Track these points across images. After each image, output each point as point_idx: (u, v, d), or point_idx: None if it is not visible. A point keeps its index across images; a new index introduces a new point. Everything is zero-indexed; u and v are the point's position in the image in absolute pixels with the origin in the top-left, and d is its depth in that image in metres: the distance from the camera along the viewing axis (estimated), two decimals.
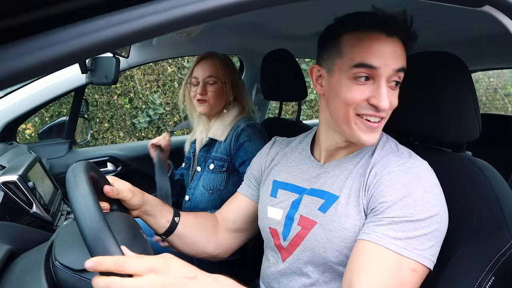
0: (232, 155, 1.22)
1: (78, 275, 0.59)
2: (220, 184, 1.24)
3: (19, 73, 0.35)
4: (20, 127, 1.68)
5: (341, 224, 0.69)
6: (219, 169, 1.24)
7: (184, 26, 0.42)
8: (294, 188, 0.81)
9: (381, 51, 0.65)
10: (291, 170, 0.84)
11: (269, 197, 0.84)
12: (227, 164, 1.23)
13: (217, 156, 1.25)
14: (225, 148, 1.23)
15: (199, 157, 1.31)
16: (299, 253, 0.75)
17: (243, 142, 1.20)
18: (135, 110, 3.83)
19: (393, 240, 0.61)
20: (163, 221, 0.85)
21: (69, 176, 0.63)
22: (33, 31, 0.36)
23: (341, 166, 0.75)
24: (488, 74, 5.17)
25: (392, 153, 0.72)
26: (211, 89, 1.23)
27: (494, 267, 0.64)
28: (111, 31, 0.38)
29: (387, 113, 0.69)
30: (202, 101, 1.24)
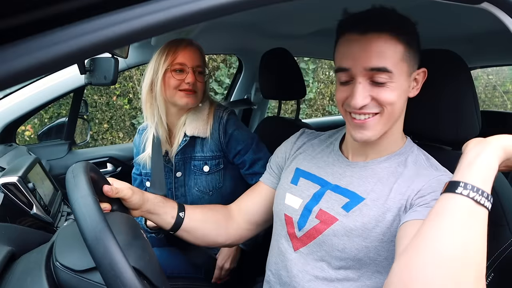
0: (224, 149, 1.15)
1: (79, 276, 0.58)
2: (219, 182, 1.18)
3: (18, 74, 0.35)
4: (19, 128, 1.68)
5: (364, 224, 0.69)
6: (215, 169, 1.16)
7: (182, 25, 0.42)
8: (317, 180, 0.80)
9: (352, 51, 0.66)
10: (316, 161, 0.83)
11: (289, 183, 0.84)
12: (222, 160, 1.17)
13: (208, 155, 1.16)
14: (215, 144, 1.14)
15: (176, 162, 1.17)
16: (315, 246, 0.75)
17: (232, 132, 1.13)
18: (134, 111, 3.83)
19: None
20: (168, 217, 0.84)
21: (68, 177, 0.63)
22: (32, 31, 0.36)
23: (368, 168, 0.75)
24: (487, 72, 5.17)
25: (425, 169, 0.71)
26: (200, 79, 1.11)
27: (493, 263, 0.64)
28: (110, 31, 0.38)
29: (377, 109, 0.68)
30: (191, 91, 1.09)
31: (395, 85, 0.66)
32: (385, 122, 0.69)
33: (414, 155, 0.74)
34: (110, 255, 0.51)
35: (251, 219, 0.93)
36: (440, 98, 0.75)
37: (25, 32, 0.35)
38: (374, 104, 0.68)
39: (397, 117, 0.71)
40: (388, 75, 0.65)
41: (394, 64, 0.65)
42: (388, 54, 0.65)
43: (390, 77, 0.65)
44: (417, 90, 0.72)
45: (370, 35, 0.65)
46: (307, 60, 4.38)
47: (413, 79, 0.71)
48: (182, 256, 1.25)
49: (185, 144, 1.14)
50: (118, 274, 0.50)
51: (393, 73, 0.65)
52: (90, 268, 0.58)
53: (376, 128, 0.70)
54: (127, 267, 0.51)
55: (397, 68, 0.66)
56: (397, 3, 0.66)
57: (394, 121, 0.71)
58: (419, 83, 0.72)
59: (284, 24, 1.38)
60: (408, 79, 0.69)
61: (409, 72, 0.68)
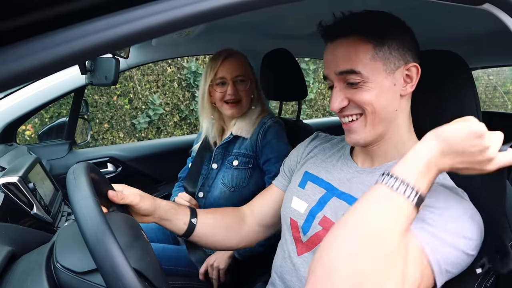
0: (258, 152, 1.20)
1: (79, 278, 0.58)
2: (243, 181, 1.21)
3: (19, 75, 0.35)
4: (20, 128, 1.68)
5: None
6: (244, 166, 1.21)
7: (184, 27, 0.42)
8: (324, 184, 0.78)
9: (326, 60, 0.70)
10: (325, 165, 0.82)
11: (297, 187, 0.83)
12: (252, 161, 1.21)
13: (241, 152, 1.22)
14: (251, 145, 1.20)
15: (215, 154, 1.27)
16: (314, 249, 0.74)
17: (270, 139, 1.18)
18: (135, 111, 3.83)
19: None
20: (180, 223, 0.85)
21: (69, 178, 0.63)
22: (34, 32, 0.36)
23: (376, 174, 0.71)
24: (487, 72, 5.17)
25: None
26: (242, 88, 1.21)
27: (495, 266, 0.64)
28: (112, 32, 0.38)
29: (358, 110, 0.68)
30: (235, 102, 1.20)
31: (372, 85, 0.66)
32: (372, 123, 0.68)
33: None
34: (112, 257, 0.51)
35: (263, 222, 0.93)
36: (441, 99, 0.75)
37: (26, 33, 0.35)
38: (354, 105, 0.69)
39: (385, 117, 0.68)
40: (359, 76, 0.66)
41: (363, 64, 0.65)
42: (355, 56, 0.66)
43: (362, 78, 0.66)
44: (411, 87, 0.69)
45: (337, 41, 0.68)
46: (307, 61, 4.39)
47: (402, 76, 0.68)
48: (183, 252, 1.26)
49: (228, 141, 1.24)
50: (120, 277, 0.50)
51: (363, 73, 0.66)
52: (91, 270, 0.58)
53: (364, 131, 0.69)
54: (128, 269, 0.51)
55: (367, 68, 0.66)
56: (398, 4, 0.66)
57: (386, 122, 0.69)
58: (413, 80, 0.68)
59: (285, 25, 1.38)
60: (390, 76, 0.67)
61: (388, 69, 0.66)
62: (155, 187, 2.00)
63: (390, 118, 0.69)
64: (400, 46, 0.67)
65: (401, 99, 0.69)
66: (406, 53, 0.68)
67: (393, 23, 0.69)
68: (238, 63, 1.21)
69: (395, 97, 0.68)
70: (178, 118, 4.00)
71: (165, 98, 3.91)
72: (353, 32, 0.66)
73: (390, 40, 0.66)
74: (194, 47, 1.66)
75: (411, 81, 0.69)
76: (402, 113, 0.71)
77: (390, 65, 0.67)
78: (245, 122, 1.22)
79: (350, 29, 0.66)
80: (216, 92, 1.21)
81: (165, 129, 3.99)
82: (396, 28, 0.68)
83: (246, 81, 1.21)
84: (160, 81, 3.87)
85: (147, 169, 1.95)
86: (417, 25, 0.67)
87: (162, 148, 2.01)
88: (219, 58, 1.20)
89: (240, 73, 1.20)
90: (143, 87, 3.79)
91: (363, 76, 0.66)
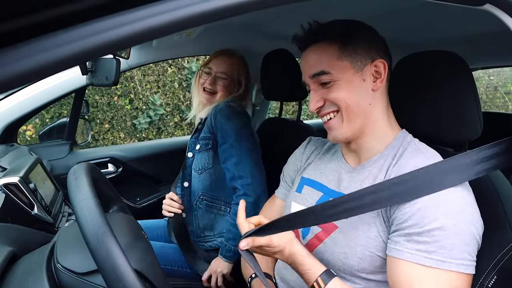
0: (214, 132, 1.23)
1: (80, 278, 0.59)
2: (207, 162, 1.24)
3: (20, 77, 0.34)
4: (20, 128, 1.68)
5: (365, 232, 0.68)
6: (204, 148, 1.24)
7: (186, 28, 0.42)
8: (319, 186, 0.81)
9: (302, 67, 0.77)
10: (320, 168, 0.84)
11: (295, 192, 0.86)
12: (211, 142, 1.23)
13: (201, 136, 1.27)
14: (207, 127, 1.25)
15: (190, 143, 1.32)
16: (318, 255, 0.74)
17: (221, 122, 1.20)
18: (136, 111, 3.83)
19: (427, 254, 0.59)
20: None
21: (70, 179, 0.63)
22: (34, 34, 0.35)
23: (366, 170, 0.74)
24: (488, 72, 5.15)
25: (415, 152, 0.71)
26: (220, 83, 1.29)
27: (496, 265, 0.64)
28: (113, 33, 0.37)
29: (334, 107, 0.73)
30: (210, 92, 1.29)
31: (342, 82, 0.71)
32: (348, 118, 0.72)
33: (406, 143, 0.73)
34: (113, 258, 0.51)
35: None
36: (442, 99, 0.74)
37: (26, 35, 0.35)
38: (329, 104, 0.74)
39: (359, 111, 0.72)
40: (329, 76, 0.71)
41: (330, 65, 0.71)
42: (323, 58, 0.72)
43: (332, 77, 0.71)
44: (381, 82, 0.72)
45: (309, 49, 0.74)
46: None
47: (371, 72, 0.72)
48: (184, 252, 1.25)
49: (198, 128, 1.30)
50: (121, 278, 0.50)
51: (332, 73, 0.71)
52: (91, 271, 0.58)
53: (342, 126, 0.73)
54: (129, 270, 0.51)
55: (336, 67, 0.71)
56: (399, 4, 0.65)
57: (362, 116, 0.72)
58: (381, 75, 0.72)
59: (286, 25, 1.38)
60: (358, 73, 0.71)
61: (356, 67, 0.71)
62: (156, 188, 2.00)
63: (365, 112, 0.73)
64: (365, 45, 0.72)
65: (374, 93, 0.73)
66: (371, 51, 0.72)
67: (357, 25, 0.74)
68: (229, 62, 1.30)
69: (367, 92, 0.72)
70: (178, 118, 4.00)
71: (165, 99, 3.92)
72: (320, 38, 0.73)
73: (354, 39, 0.71)
74: (195, 48, 1.66)
75: (380, 76, 0.73)
76: (377, 107, 0.74)
77: (357, 63, 0.71)
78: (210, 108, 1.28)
79: (317, 35, 0.73)
80: (201, 78, 1.33)
81: (166, 130, 3.99)
82: (359, 29, 0.74)
83: (227, 80, 1.29)
84: (160, 82, 3.87)
85: (148, 170, 1.95)
86: (418, 25, 0.67)
87: (163, 149, 2.01)
88: (218, 52, 1.33)
89: (225, 70, 1.29)
90: (144, 87, 3.79)
91: (333, 75, 0.71)
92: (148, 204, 1.90)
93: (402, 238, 0.63)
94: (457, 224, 0.60)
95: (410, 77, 0.78)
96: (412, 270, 0.60)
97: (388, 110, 0.76)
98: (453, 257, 0.59)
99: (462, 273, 0.59)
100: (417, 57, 0.79)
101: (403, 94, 0.79)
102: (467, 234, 0.60)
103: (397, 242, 0.63)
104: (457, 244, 0.59)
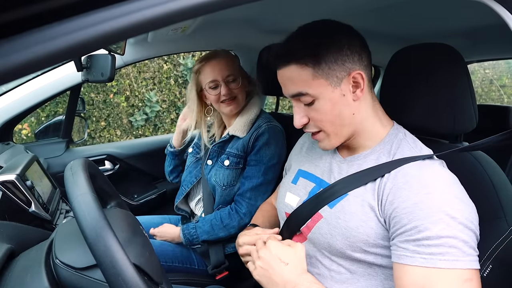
0: (248, 153, 1.22)
1: (79, 273, 0.59)
2: (234, 180, 1.23)
3: (15, 69, 0.34)
4: (16, 127, 1.67)
5: (346, 222, 0.69)
6: (234, 166, 1.23)
7: (183, 19, 0.41)
8: (313, 178, 0.82)
9: (280, 83, 0.75)
10: (314, 160, 0.85)
11: (290, 183, 0.87)
12: (243, 161, 1.23)
13: (232, 152, 1.23)
14: (243, 145, 1.22)
15: (212, 151, 1.30)
16: (308, 244, 0.77)
17: (261, 146, 1.19)
18: (132, 108, 3.81)
19: (441, 257, 0.58)
20: None
21: (67, 174, 0.63)
22: (29, 26, 0.35)
23: (355, 163, 0.75)
24: (483, 66, 5.15)
25: (409, 150, 0.71)
26: (234, 86, 1.22)
27: (491, 255, 0.65)
28: (108, 25, 0.37)
29: (316, 128, 0.74)
30: (230, 100, 1.21)
31: (322, 101, 0.70)
32: (333, 132, 0.73)
33: (399, 140, 0.73)
34: (111, 253, 0.51)
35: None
36: (437, 92, 0.75)
37: (21, 27, 0.35)
38: (313, 124, 0.73)
39: (344, 123, 0.71)
40: (309, 96, 0.70)
41: (308, 85, 0.69)
42: (298, 79, 0.70)
43: (312, 97, 0.70)
44: (361, 92, 0.70)
45: (281, 69, 0.72)
46: None
47: (350, 84, 0.70)
48: (181, 248, 1.27)
49: (225, 140, 1.27)
50: (120, 272, 0.50)
51: (311, 93, 0.69)
52: (90, 266, 0.58)
53: (329, 139, 0.74)
54: (128, 264, 0.51)
55: (313, 87, 0.69)
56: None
57: (347, 126, 0.72)
58: (361, 85, 0.70)
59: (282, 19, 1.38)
60: (337, 89, 0.69)
61: (333, 83, 0.69)
62: (153, 184, 2.00)
63: (350, 122, 0.72)
64: (337, 58, 0.68)
65: (356, 102, 0.71)
66: (345, 64, 0.69)
67: (325, 38, 0.69)
68: (224, 62, 1.22)
69: (348, 105, 0.71)
70: (175, 115, 3.99)
71: (161, 95, 3.90)
72: (290, 61, 0.70)
73: (324, 56, 0.68)
74: (190, 44, 1.65)
75: (360, 87, 0.70)
76: (361, 113, 0.73)
77: (333, 79, 0.69)
78: (242, 123, 1.24)
79: (286, 58, 0.70)
80: (211, 96, 1.22)
81: (162, 126, 3.98)
82: (328, 42, 0.69)
83: (237, 79, 1.23)
84: (156, 78, 3.85)
85: (145, 166, 1.95)
86: (413, 18, 0.67)
87: (159, 145, 2.00)
88: (207, 58, 1.22)
89: (230, 72, 1.21)
90: (140, 84, 3.78)
91: (312, 95, 0.70)
92: (146, 201, 1.90)
93: (410, 244, 0.61)
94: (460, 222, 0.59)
95: (405, 70, 0.79)
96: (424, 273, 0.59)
97: (375, 109, 0.75)
98: (465, 253, 0.58)
99: (473, 269, 0.59)
100: (412, 50, 0.79)
101: (399, 87, 0.79)
102: (468, 230, 0.60)
103: (406, 249, 0.61)
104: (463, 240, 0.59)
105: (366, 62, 0.71)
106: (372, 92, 0.75)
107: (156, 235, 1.29)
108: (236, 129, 1.24)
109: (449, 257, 0.58)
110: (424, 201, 0.61)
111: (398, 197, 0.64)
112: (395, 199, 0.64)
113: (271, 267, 0.69)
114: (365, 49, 0.71)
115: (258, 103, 1.30)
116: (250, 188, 1.19)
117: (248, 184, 1.20)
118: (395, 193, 0.65)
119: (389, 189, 0.66)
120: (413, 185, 0.63)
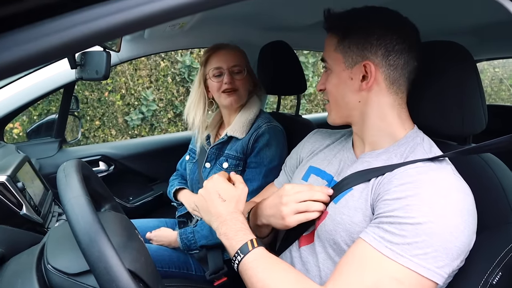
0: (247, 154, 1.20)
1: (72, 279, 0.58)
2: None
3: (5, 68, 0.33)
4: (7, 126, 1.64)
5: (350, 217, 0.69)
6: (233, 169, 1.20)
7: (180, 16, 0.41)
8: (324, 175, 0.82)
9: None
10: (329, 158, 0.85)
11: (300, 180, 0.86)
12: (242, 163, 1.20)
13: (231, 154, 1.21)
14: (242, 147, 1.19)
15: (210, 153, 1.27)
16: (316, 240, 0.76)
17: (261, 147, 1.17)
18: (127, 107, 3.77)
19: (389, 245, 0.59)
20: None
21: (60, 176, 0.62)
22: (20, 23, 0.34)
23: (365, 160, 0.75)
24: (493, 64, 5.04)
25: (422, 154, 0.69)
26: (238, 77, 1.20)
27: (501, 262, 0.63)
28: (103, 22, 0.36)
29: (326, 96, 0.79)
30: (232, 91, 1.19)
31: (333, 75, 0.75)
32: (334, 108, 0.77)
33: (415, 144, 0.71)
34: (105, 258, 0.50)
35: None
36: (445, 91, 0.73)
37: (12, 23, 0.34)
38: (326, 93, 0.78)
39: (343, 105, 0.75)
40: (326, 64, 0.76)
41: (328, 55, 0.75)
42: (327, 46, 0.76)
43: (328, 66, 0.76)
44: (367, 84, 0.70)
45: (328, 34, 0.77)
46: (306, 54, 4.35)
47: (361, 72, 0.70)
48: (177, 253, 1.24)
49: (223, 141, 1.25)
50: (114, 278, 0.49)
51: (328, 62, 0.76)
52: (83, 271, 0.58)
53: (331, 113, 0.79)
54: (123, 270, 0.50)
55: (331, 58, 0.75)
56: None
57: (346, 110, 0.75)
58: (368, 78, 0.70)
59: (284, 16, 1.36)
60: (347, 70, 0.72)
61: (347, 63, 0.72)
62: (150, 186, 1.97)
63: (354, 108, 0.74)
64: (359, 42, 0.70)
65: (364, 92, 0.72)
66: (365, 50, 0.70)
67: (363, 21, 0.71)
68: (233, 53, 1.22)
69: (353, 90, 0.73)
70: (172, 114, 3.96)
71: (158, 94, 3.87)
72: (328, 28, 0.76)
73: (351, 35, 0.71)
74: (188, 40, 1.63)
75: (366, 79, 0.71)
76: (370, 106, 0.73)
77: (348, 59, 0.72)
78: (241, 123, 1.22)
79: (327, 25, 0.76)
80: (213, 83, 1.21)
81: (159, 126, 3.95)
82: (363, 26, 0.70)
83: (242, 71, 1.22)
84: (153, 76, 3.81)
85: (141, 168, 1.92)
86: (421, 16, 0.66)
87: (156, 146, 1.98)
88: (214, 48, 1.23)
89: (236, 63, 1.20)
90: (136, 82, 3.74)
91: (328, 65, 0.76)
92: (142, 203, 1.87)
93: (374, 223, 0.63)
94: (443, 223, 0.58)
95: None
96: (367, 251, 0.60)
97: (397, 111, 0.73)
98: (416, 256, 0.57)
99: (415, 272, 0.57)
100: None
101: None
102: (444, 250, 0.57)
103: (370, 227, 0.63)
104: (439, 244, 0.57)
105: (393, 62, 0.69)
106: (396, 94, 0.72)
107: (152, 240, 1.27)
108: (235, 130, 1.21)
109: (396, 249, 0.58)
110: (408, 199, 0.60)
111: (386, 190, 0.64)
112: (381, 192, 0.65)
113: (210, 198, 0.77)
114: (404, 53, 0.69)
115: (257, 103, 1.28)
116: (250, 192, 1.16)
117: (248, 187, 1.17)
118: (384, 187, 0.65)
119: (382, 185, 0.66)
120: (405, 184, 0.63)
